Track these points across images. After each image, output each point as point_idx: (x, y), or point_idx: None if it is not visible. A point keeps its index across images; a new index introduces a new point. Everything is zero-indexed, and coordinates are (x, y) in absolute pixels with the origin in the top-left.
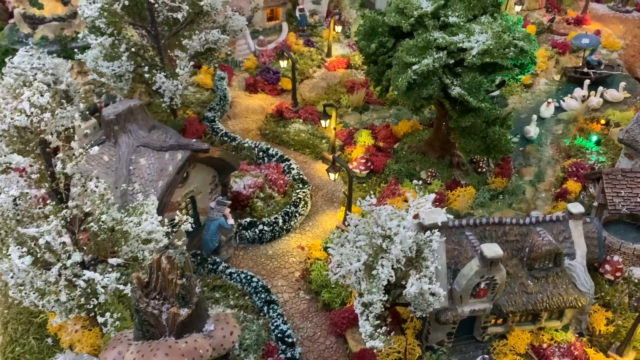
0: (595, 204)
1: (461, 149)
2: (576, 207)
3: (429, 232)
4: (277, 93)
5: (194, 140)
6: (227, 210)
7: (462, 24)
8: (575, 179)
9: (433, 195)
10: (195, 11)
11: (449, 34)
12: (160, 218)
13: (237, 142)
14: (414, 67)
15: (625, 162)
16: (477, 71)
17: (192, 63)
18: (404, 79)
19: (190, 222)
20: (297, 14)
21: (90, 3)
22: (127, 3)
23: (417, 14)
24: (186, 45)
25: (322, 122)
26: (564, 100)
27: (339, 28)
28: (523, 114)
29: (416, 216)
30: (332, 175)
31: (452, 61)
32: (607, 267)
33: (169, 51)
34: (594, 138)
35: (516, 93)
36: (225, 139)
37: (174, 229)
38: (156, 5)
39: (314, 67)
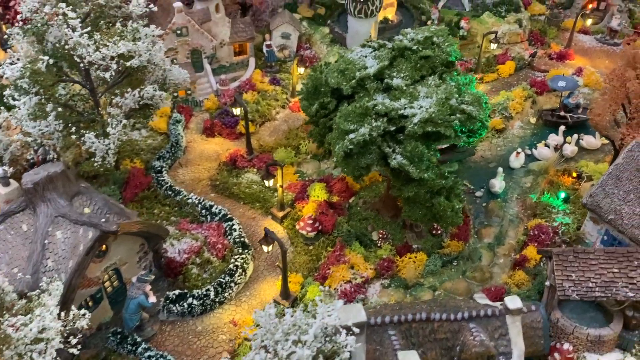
0: (547, 283)
1: (406, 217)
2: (514, 302)
3: (344, 333)
4: (236, 137)
5: (113, 214)
6: (148, 287)
7: (404, 88)
8: (536, 244)
9: (341, 303)
10: (125, 68)
11: (393, 97)
12: (56, 312)
13: (181, 196)
14: (351, 136)
15: (591, 227)
16: (419, 140)
17: (123, 122)
18: (340, 148)
19: (87, 319)
20: (265, 49)
21: (11, 63)
22: (50, 62)
23: (359, 75)
24: (119, 103)
25: (265, 182)
26: (535, 148)
27: (301, 69)
28: (492, 163)
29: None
30: (265, 248)
31: (393, 128)
32: (557, 355)
33: (100, 108)
34: (562, 195)
35: (486, 139)
36: (170, 192)
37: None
38: (82, 66)
39: (278, 108)
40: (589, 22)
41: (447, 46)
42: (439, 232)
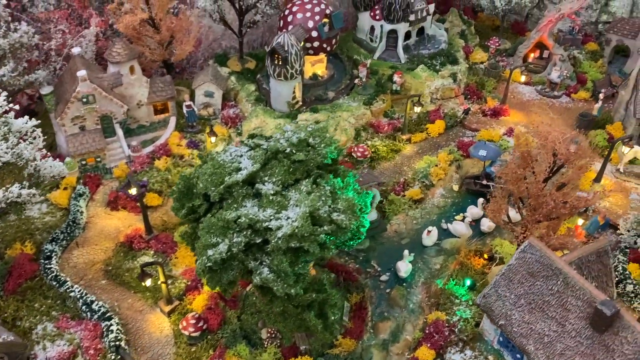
0: None
1: (280, 330)
2: None
3: None
4: (141, 211)
5: None
6: None
7: (272, 197)
8: (429, 345)
9: None
10: None
11: (262, 205)
12: None
13: (64, 288)
14: (209, 252)
15: (489, 324)
16: (287, 253)
17: None
18: (200, 264)
19: None
20: (185, 110)
21: None
22: None
23: (228, 181)
24: None
25: (142, 282)
26: (451, 223)
27: (213, 138)
28: (405, 239)
29: None
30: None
31: (259, 240)
32: None
33: None
34: (468, 282)
35: (402, 211)
36: (54, 282)
37: None
38: None
39: None
40: (522, 78)
41: (324, 147)
42: None
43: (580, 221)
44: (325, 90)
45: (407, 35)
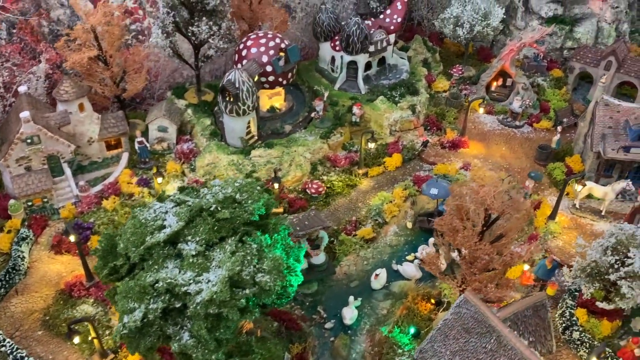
0: None
1: None
2: None
3: None
4: (86, 254)
5: None
6: None
7: (193, 258)
8: None
9: None
10: None
11: (183, 266)
12: None
13: None
14: (124, 319)
15: None
16: (207, 319)
17: None
18: (117, 330)
19: None
20: (137, 146)
21: None
22: None
23: (149, 242)
24: None
25: (70, 341)
26: (401, 264)
27: (159, 179)
28: (355, 281)
29: None
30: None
31: (178, 304)
32: None
33: None
34: (412, 331)
35: (352, 251)
36: None
37: None
38: None
39: None
40: (481, 110)
41: (251, 204)
42: None
43: (526, 267)
44: (282, 123)
45: (369, 66)
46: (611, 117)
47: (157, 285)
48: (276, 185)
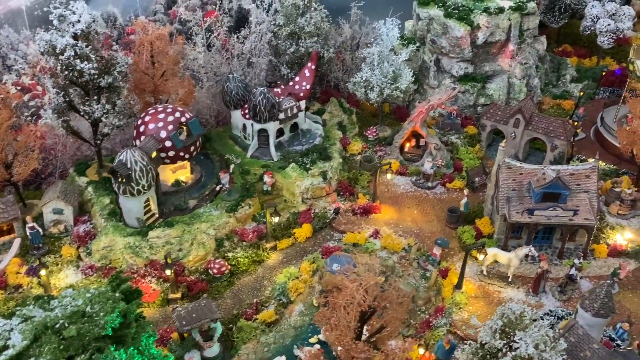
0: None
1: None
2: None
3: None
4: None
5: None
6: None
7: None
8: None
9: None
10: None
11: None
12: None
13: None
14: None
15: None
16: None
17: None
18: None
19: None
20: (28, 232)
21: None
22: None
23: None
24: None
25: None
26: (299, 347)
27: (43, 271)
28: None
29: None
30: None
31: None
32: None
33: None
34: None
35: (252, 338)
36: None
37: None
38: None
39: None
40: (388, 176)
41: (103, 316)
42: None
43: (421, 350)
44: (185, 198)
45: (281, 132)
46: (514, 179)
47: None
48: (168, 272)
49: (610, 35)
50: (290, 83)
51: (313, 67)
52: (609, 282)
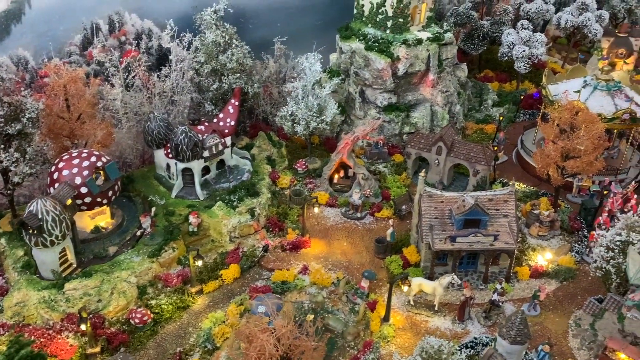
0: None
1: None
2: None
3: None
4: None
5: None
6: None
7: None
8: None
9: None
10: None
11: None
12: None
13: None
14: None
15: None
16: None
17: None
18: None
19: None
20: None
21: None
22: None
23: None
24: None
25: None
26: None
27: None
28: None
29: None
30: None
31: None
32: None
33: None
34: None
35: None
36: None
37: None
38: None
39: None
40: (316, 210)
41: None
42: None
43: None
44: (105, 246)
45: (207, 170)
46: (436, 207)
47: None
48: (83, 327)
49: (525, 60)
50: (215, 120)
51: (236, 103)
52: (522, 310)
